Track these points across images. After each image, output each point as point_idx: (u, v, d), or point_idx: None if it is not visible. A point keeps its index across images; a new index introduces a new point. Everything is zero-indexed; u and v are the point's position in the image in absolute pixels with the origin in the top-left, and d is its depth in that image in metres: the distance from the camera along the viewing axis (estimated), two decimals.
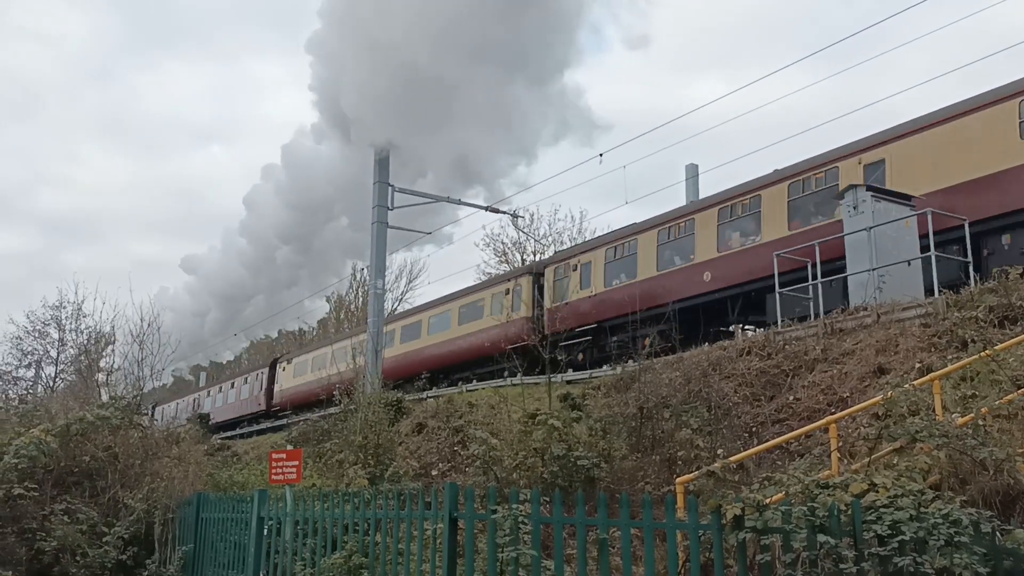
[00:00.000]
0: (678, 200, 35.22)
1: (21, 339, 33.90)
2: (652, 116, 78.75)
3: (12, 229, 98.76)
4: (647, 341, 16.80)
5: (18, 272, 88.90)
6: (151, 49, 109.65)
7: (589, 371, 20.16)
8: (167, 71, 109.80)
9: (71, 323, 33.78)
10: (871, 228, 15.12)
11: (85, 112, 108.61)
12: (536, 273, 28.40)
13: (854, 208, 15.58)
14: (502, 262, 47.22)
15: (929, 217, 14.63)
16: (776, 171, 20.48)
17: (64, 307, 33.86)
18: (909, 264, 15.02)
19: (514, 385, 19.45)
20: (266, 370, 44.69)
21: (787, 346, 13.77)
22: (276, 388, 42.66)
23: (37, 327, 34.16)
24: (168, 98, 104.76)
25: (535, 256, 43.63)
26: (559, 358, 15.28)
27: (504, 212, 34.16)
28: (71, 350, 33.33)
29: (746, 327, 20.15)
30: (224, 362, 66.30)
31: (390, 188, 27.36)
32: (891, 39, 61.64)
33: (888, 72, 67.34)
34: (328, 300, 60.01)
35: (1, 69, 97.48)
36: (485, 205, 31.36)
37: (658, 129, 67.19)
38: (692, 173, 35.07)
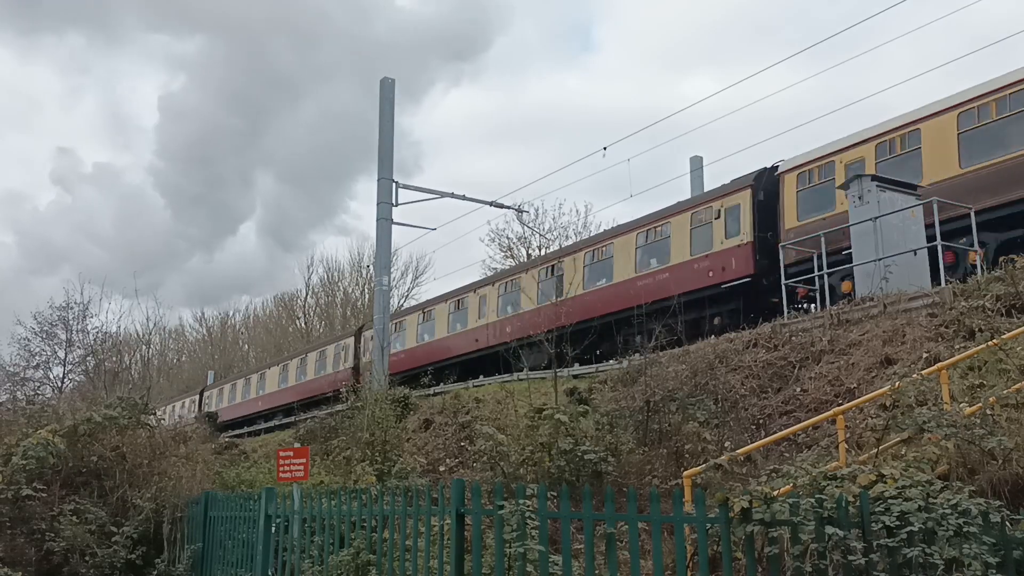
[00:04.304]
0: (683, 193, 35.17)
1: (29, 340, 33.91)
2: (645, 113, 79.40)
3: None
4: None
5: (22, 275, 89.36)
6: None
7: (595, 365, 20.13)
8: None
9: (78, 324, 33.77)
10: (877, 218, 15.05)
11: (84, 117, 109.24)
12: None
13: (859, 198, 15.51)
14: (507, 257, 47.19)
15: (935, 207, 14.56)
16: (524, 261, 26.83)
17: (71, 308, 33.84)
18: (915, 254, 14.96)
19: (520, 380, 19.45)
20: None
21: (793, 337, 13.72)
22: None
23: (44, 328, 34.15)
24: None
25: (540, 251, 43.66)
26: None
27: (508, 207, 34.27)
28: (78, 351, 33.34)
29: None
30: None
31: (394, 184, 27.35)
32: (877, 36, 62.06)
33: (876, 68, 67.83)
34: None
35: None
36: (489, 200, 31.43)
37: (658, 124, 67.36)
38: (696, 165, 35.06)
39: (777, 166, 20.83)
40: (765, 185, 20.75)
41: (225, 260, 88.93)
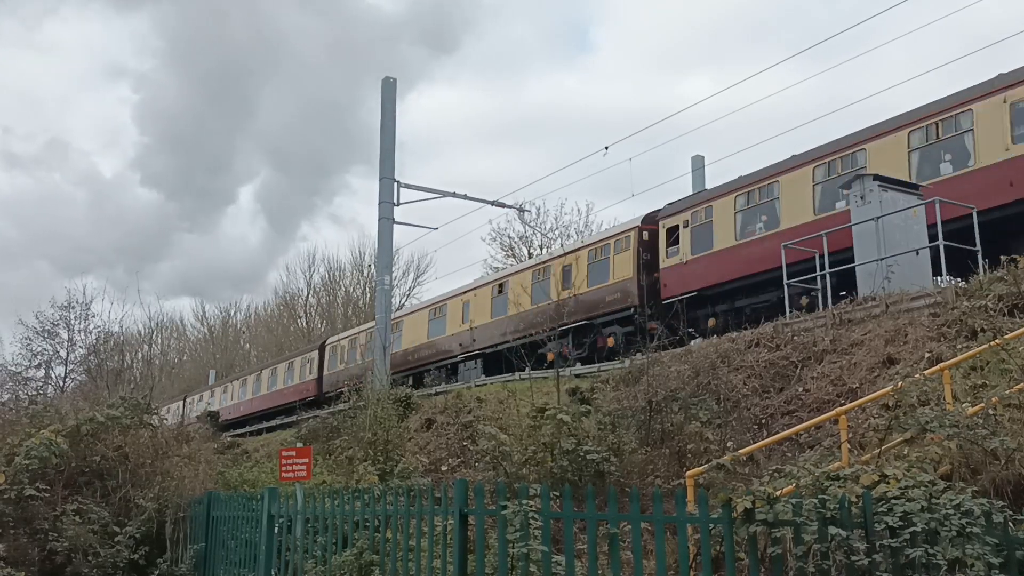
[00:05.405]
0: (684, 191, 35.19)
1: (31, 340, 33.98)
2: (645, 113, 79.67)
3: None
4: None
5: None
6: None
7: (597, 364, 20.14)
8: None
9: (80, 323, 33.84)
10: (879, 218, 15.05)
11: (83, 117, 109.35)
12: None
13: (861, 198, 15.51)
14: (508, 256, 47.25)
15: (937, 206, 14.55)
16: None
17: (73, 307, 33.92)
18: (917, 253, 14.95)
19: (522, 380, 19.44)
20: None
21: (796, 337, 13.72)
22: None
23: (46, 327, 34.23)
24: None
25: (542, 250, 43.66)
26: None
27: (510, 207, 34.31)
28: (80, 350, 33.41)
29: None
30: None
31: (396, 184, 27.34)
32: (875, 37, 62.17)
33: (875, 69, 67.86)
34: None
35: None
36: (490, 200, 31.45)
37: (658, 124, 67.41)
38: (698, 165, 35.07)
39: (326, 341, 42.17)
40: (323, 347, 41.29)
41: (217, 251, 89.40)
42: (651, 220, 24.11)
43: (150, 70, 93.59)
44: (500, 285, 29.61)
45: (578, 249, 26.66)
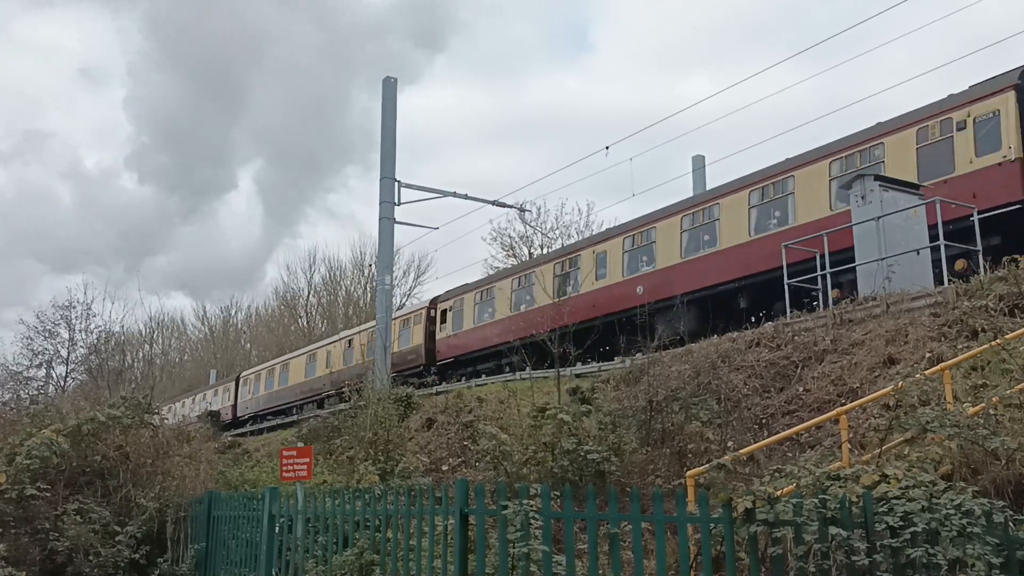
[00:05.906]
0: (685, 192, 35.17)
1: (31, 339, 34.01)
2: (644, 113, 79.78)
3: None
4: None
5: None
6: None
7: (598, 364, 20.15)
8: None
9: (81, 323, 33.85)
10: (879, 218, 15.03)
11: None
12: None
13: (862, 198, 15.49)
14: (509, 256, 47.25)
15: (938, 206, 14.55)
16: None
17: (73, 307, 33.94)
18: (918, 253, 14.94)
19: (523, 379, 19.44)
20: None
21: (796, 337, 13.71)
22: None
23: (47, 326, 34.26)
24: None
25: (542, 250, 43.70)
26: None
27: (511, 206, 34.35)
28: (81, 349, 33.42)
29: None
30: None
31: (396, 183, 27.35)
32: (875, 37, 62.23)
33: (873, 68, 67.91)
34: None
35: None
36: (491, 200, 31.47)
37: (658, 124, 67.56)
38: (699, 164, 35.07)
39: (240, 373, 48.79)
40: (238, 379, 49.34)
41: (213, 246, 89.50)
42: (435, 302, 33.83)
43: (139, 67, 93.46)
44: (350, 340, 38.75)
45: (394, 319, 34.90)
